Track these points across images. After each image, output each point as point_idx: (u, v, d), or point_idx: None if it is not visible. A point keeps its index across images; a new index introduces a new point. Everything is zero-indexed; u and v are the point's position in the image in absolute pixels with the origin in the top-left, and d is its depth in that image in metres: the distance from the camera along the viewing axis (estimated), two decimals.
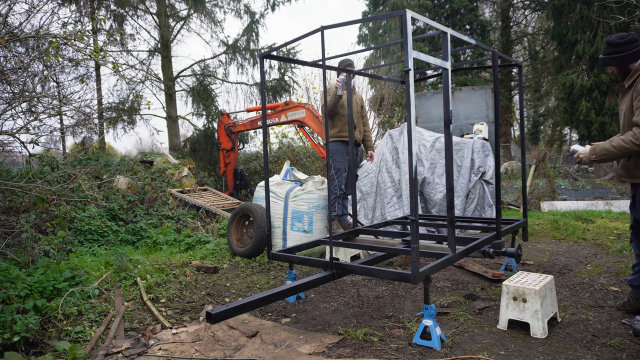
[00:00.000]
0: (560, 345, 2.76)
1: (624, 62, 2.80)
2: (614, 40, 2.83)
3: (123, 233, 6.46)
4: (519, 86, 4.59)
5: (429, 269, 2.86)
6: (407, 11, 2.62)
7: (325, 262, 3.35)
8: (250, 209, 5.35)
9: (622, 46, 2.79)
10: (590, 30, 14.30)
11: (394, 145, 5.86)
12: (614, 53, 2.82)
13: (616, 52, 2.81)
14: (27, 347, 2.91)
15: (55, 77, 6.14)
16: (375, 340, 2.93)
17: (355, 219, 4.55)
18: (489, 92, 7.32)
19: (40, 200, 4.70)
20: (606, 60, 2.88)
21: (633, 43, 2.77)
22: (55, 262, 4.07)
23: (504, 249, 3.66)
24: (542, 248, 5.38)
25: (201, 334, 3.12)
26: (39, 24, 4.93)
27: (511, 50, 21.78)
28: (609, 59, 2.86)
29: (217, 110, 11.89)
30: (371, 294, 3.89)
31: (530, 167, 8.86)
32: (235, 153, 9.03)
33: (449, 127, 3.06)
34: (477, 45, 3.69)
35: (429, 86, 19.44)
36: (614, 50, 2.82)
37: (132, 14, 12.64)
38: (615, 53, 2.82)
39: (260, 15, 12.91)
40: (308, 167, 11.12)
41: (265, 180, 3.77)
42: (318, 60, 3.95)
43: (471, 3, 20.77)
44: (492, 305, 3.47)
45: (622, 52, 2.79)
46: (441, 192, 5.44)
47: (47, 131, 5.36)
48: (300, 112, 7.24)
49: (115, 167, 9.15)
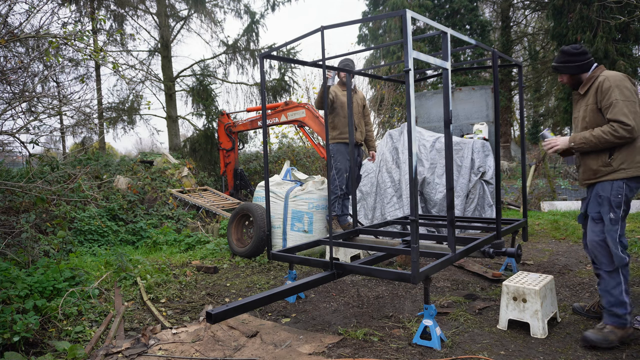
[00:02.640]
0: (560, 345, 2.76)
1: (576, 71, 2.92)
2: (569, 50, 2.94)
3: (123, 233, 6.46)
4: (519, 86, 4.60)
5: (429, 269, 2.86)
6: (407, 11, 2.62)
7: (325, 262, 3.35)
8: (250, 209, 5.35)
9: (576, 56, 2.91)
10: (590, 30, 14.29)
11: (394, 145, 5.86)
12: (568, 62, 2.93)
13: (570, 62, 2.92)
14: (27, 347, 2.91)
15: (55, 77, 6.14)
16: (375, 340, 2.93)
17: (355, 219, 4.55)
18: (489, 92, 7.32)
19: (40, 200, 4.70)
20: (560, 68, 2.97)
21: (585, 55, 2.91)
22: (55, 262, 4.07)
23: (504, 249, 3.66)
24: (542, 248, 5.38)
25: (201, 334, 3.12)
26: (39, 24, 4.94)
27: (511, 50, 21.79)
28: (562, 67, 2.95)
29: (217, 110, 11.88)
30: (371, 294, 3.89)
31: (530, 167, 8.85)
32: (235, 153, 9.03)
33: (449, 127, 3.06)
34: (477, 45, 3.69)
35: (429, 86, 19.44)
36: (568, 59, 2.93)
37: (132, 14, 12.64)
38: (570, 62, 2.92)
39: (260, 15, 12.90)
40: (308, 167, 11.12)
41: (265, 180, 3.77)
42: (318, 60, 3.95)
43: (471, 3, 20.77)
44: (492, 305, 3.47)
45: (576, 62, 2.90)
46: (441, 192, 5.44)
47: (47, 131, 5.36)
48: (300, 112, 7.24)
49: (115, 167, 9.15)
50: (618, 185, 2.78)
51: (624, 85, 2.75)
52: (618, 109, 2.70)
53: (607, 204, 2.80)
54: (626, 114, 2.68)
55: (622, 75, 2.81)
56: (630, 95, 2.73)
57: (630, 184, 2.78)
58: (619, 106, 2.70)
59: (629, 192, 2.79)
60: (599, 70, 2.90)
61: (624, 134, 2.68)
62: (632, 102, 2.72)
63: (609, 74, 2.83)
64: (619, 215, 2.77)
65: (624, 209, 2.79)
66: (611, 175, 2.81)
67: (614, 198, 2.79)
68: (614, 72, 2.85)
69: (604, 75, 2.83)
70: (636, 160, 2.76)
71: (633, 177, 2.77)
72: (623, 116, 2.67)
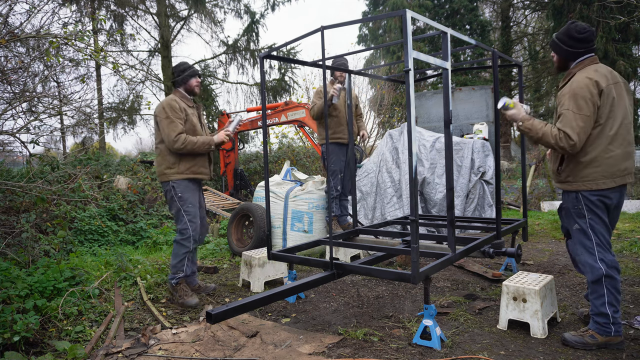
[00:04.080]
0: (560, 345, 2.76)
1: (568, 56, 2.77)
2: (571, 32, 2.73)
3: (123, 233, 6.46)
4: (519, 86, 4.60)
5: (429, 269, 2.87)
6: (407, 11, 2.62)
7: (325, 262, 3.36)
8: (250, 209, 5.35)
9: (575, 41, 2.72)
10: None
11: (394, 145, 5.86)
12: (563, 43, 2.76)
13: (565, 44, 2.75)
14: (27, 347, 2.91)
15: (55, 77, 6.14)
16: (375, 340, 2.93)
17: (355, 219, 4.55)
18: (489, 92, 7.32)
19: (40, 200, 4.70)
20: (553, 44, 2.83)
21: (584, 43, 2.71)
22: (56, 262, 4.07)
23: (504, 249, 3.66)
24: (542, 248, 5.38)
25: (201, 334, 3.12)
26: (40, 24, 4.94)
27: (511, 50, 21.78)
28: (556, 46, 2.80)
29: (218, 110, 11.89)
30: (371, 294, 3.89)
31: (530, 167, 8.85)
32: (235, 153, 9.04)
33: (449, 127, 3.06)
34: (477, 45, 3.69)
35: (429, 86, 19.44)
36: (564, 40, 2.75)
37: (132, 14, 12.64)
38: (564, 44, 2.75)
39: (260, 15, 12.91)
40: (308, 167, 11.13)
41: (265, 180, 3.77)
42: (318, 60, 3.96)
43: (471, 3, 20.77)
44: (492, 305, 3.47)
45: (570, 47, 2.74)
46: (441, 192, 5.44)
47: (48, 131, 5.37)
48: (300, 112, 7.25)
49: (116, 167, 9.15)
50: (572, 197, 2.73)
51: (582, 95, 2.58)
52: (567, 121, 2.58)
53: (570, 216, 2.77)
54: (574, 127, 2.56)
55: (587, 81, 2.61)
56: (585, 106, 2.57)
57: (584, 194, 2.67)
58: (568, 118, 2.59)
59: (589, 202, 2.67)
60: (583, 64, 2.72)
61: (565, 146, 2.58)
62: (585, 115, 2.56)
63: (575, 78, 2.67)
64: (587, 225, 2.68)
65: (590, 217, 2.67)
66: (563, 185, 2.78)
67: (573, 209, 2.74)
68: (583, 75, 2.66)
69: (574, 77, 2.68)
70: (580, 176, 2.67)
71: (582, 190, 2.67)
72: (570, 129, 2.57)
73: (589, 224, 2.69)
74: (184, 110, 3.72)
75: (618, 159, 2.64)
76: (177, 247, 3.75)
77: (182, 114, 3.69)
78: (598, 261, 2.66)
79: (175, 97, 3.77)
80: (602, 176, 2.63)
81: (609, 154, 2.63)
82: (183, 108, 3.72)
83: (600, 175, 2.63)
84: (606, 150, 2.63)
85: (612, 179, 2.63)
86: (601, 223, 2.69)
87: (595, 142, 2.63)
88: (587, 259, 2.69)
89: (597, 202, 2.66)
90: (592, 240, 2.69)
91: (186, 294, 3.69)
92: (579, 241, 2.75)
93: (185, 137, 3.62)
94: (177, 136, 3.59)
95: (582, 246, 2.73)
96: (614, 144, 2.63)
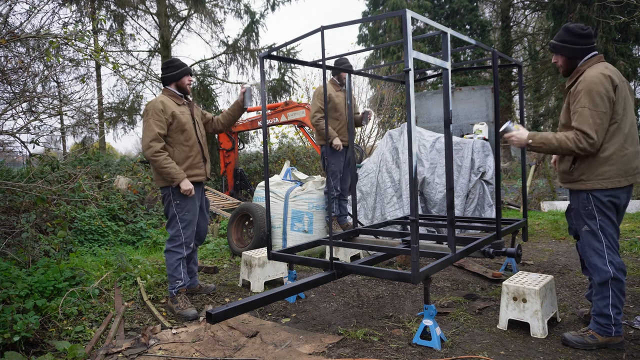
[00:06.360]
0: (560, 345, 2.76)
1: (574, 54, 2.69)
2: (574, 29, 2.68)
3: (123, 233, 6.46)
4: (519, 86, 4.60)
5: (429, 269, 2.86)
6: (407, 11, 2.62)
7: (325, 262, 3.36)
8: (250, 209, 5.35)
9: (580, 38, 2.66)
10: None
11: (394, 145, 5.86)
12: (569, 43, 2.68)
13: (571, 43, 2.68)
14: (27, 347, 2.91)
15: (55, 77, 6.14)
16: (375, 340, 2.93)
17: (355, 219, 4.55)
18: (489, 92, 7.32)
19: (40, 200, 4.70)
20: (558, 47, 2.73)
21: (589, 39, 2.66)
22: (56, 262, 4.07)
23: (504, 249, 3.66)
24: (542, 248, 5.38)
25: (201, 334, 3.12)
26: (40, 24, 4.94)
27: (511, 50, 21.78)
28: (561, 47, 2.72)
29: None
30: (371, 294, 3.89)
31: (530, 167, 8.85)
32: (235, 153, 9.03)
33: (449, 127, 3.06)
34: (477, 45, 3.69)
35: (429, 86, 19.44)
36: (570, 40, 2.68)
37: (132, 14, 12.66)
38: (571, 43, 2.68)
39: (260, 15, 12.92)
40: (308, 167, 11.13)
41: (265, 180, 3.77)
42: (318, 60, 3.96)
43: (471, 3, 20.76)
44: (492, 305, 3.47)
45: (578, 44, 2.67)
46: (441, 192, 5.44)
47: (48, 131, 5.37)
48: (300, 112, 7.25)
49: (116, 167, 9.15)
50: (583, 197, 2.67)
51: (597, 90, 2.51)
52: (584, 118, 2.50)
53: (579, 217, 2.71)
54: (591, 125, 2.48)
55: (601, 77, 2.54)
56: (601, 103, 2.50)
57: (595, 195, 2.61)
58: (584, 115, 2.50)
59: (599, 203, 2.61)
60: (591, 62, 2.67)
61: (586, 146, 2.50)
62: (602, 112, 2.50)
63: (587, 74, 2.60)
64: (597, 226, 2.63)
65: (600, 219, 2.62)
66: (574, 185, 2.70)
67: (583, 210, 2.67)
68: (595, 70, 2.59)
69: (585, 74, 2.61)
70: (597, 173, 2.59)
71: (596, 189, 2.60)
72: (588, 127, 2.49)
73: (599, 226, 2.64)
74: (170, 110, 3.52)
75: (631, 157, 2.61)
76: (168, 256, 3.57)
77: (166, 115, 3.48)
78: (607, 264, 2.62)
79: (162, 97, 3.59)
80: (617, 174, 2.58)
81: (624, 151, 2.59)
82: (169, 108, 3.52)
83: (615, 174, 2.58)
84: (622, 148, 2.58)
85: (626, 178, 2.60)
86: (611, 225, 2.65)
87: (612, 139, 2.58)
88: (596, 261, 2.65)
89: (607, 203, 2.61)
90: (602, 242, 2.64)
91: (185, 305, 3.50)
92: (587, 243, 2.70)
93: (160, 154, 3.43)
94: (152, 144, 3.40)
95: (591, 248, 2.68)
96: (628, 141, 2.60)
